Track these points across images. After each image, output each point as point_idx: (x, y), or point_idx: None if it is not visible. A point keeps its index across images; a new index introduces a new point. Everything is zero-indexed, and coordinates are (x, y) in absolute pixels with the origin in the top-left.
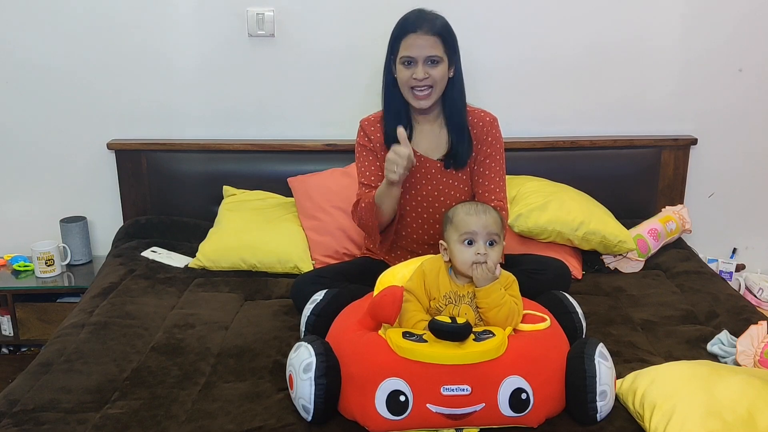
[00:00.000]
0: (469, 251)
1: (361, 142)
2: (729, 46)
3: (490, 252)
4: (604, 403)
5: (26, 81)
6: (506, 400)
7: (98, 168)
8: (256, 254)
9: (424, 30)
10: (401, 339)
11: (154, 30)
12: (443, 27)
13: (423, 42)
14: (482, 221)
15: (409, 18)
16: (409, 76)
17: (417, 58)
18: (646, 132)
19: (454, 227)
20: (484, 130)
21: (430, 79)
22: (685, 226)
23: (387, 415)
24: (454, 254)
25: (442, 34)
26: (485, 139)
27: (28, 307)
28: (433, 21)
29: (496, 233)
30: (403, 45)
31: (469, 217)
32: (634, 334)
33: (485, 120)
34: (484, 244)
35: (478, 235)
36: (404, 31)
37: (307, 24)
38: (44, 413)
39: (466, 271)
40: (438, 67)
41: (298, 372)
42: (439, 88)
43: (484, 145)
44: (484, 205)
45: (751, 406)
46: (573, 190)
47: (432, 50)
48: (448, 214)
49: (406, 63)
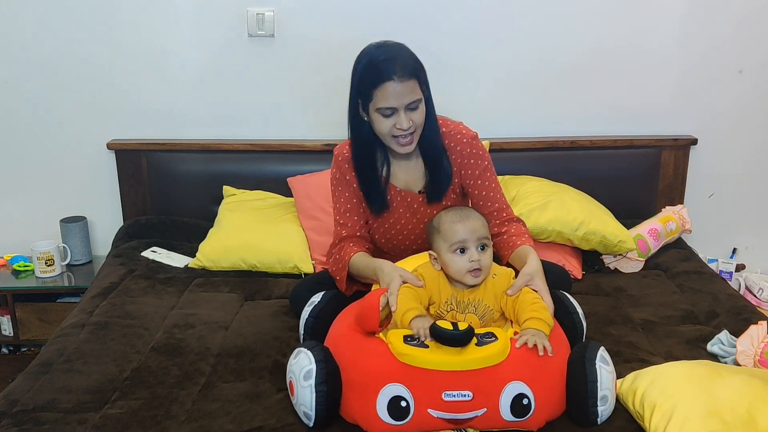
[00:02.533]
0: (463, 259)
1: (337, 175)
2: (729, 47)
3: (483, 256)
4: (605, 408)
5: (26, 81)
6: (508, 406)
7: (98, 168)
8: (256, 254)
9: (400, 75)
10: (402, 344)
11: (154, 30)
12: (415, 64)
13: (402, 89)
14: (470, 227)
15: (380, 63)
16: (390, 126)
17: (398, 107)
18: (646, 132)
19: (443, 237)
20: (465, 152)
21: (413, 126)
22: (685, 226)
23: (388, 420)
24: (447, 264)
25: (417, 74)
26: (468, 161)
27: (28, 307)
28: (405, 61)
29: (486, 237)
30: (380, 95)
31: (456, 225)
32: (634, 334)
33: (463, 141)
34: (476, 250)
35: (469, 241)
36: (379, 79)
37: (307, 24)
38: (44, 413)
39: (461, 279)
40: (418, 110)
41: (299, 379)
42: (420, 129)
43: (469, 167)
44: (467, 210)
45: (751, 406)
46: (573, 190)
47: (412, 95)
48: (433, 224)
49: (385, 114)
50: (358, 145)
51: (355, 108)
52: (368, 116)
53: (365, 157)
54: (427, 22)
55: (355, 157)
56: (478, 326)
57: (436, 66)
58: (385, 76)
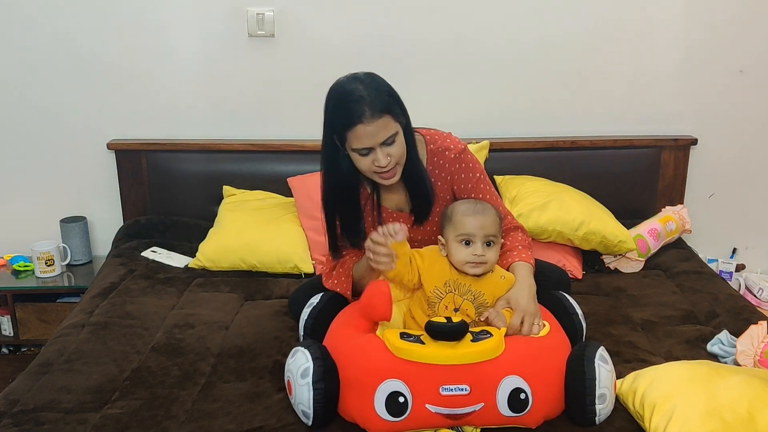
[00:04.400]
0: (467, 251)
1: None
2: (729, 47)
3: (488, 252)
4: (603, 407)
5: (26, 81)
6: (505, 400)
7: (98, 168)
8: (256, 254)
9: (370, 115)
10: (399, 340)
11: (154, 30)
12: (386, 98)
13: (374, 129)
14: (480, 222)
15: (349, 104)
16: (370, 163)
17: (374, 146)
18: (646, 132)
19: (453, 226)
20: (453, 168)
21: (393, 160)
22: (685, 226)
23: (386, 416)
24: (451, 252)
25: (389, 109)
26: (458, 176)
27: (28, 307)
28: (373, 99)
29: (494, 234)
30: (353, 137)
31: (466, 218)
32: (634, 334)
33: (450, 157)
34: (481, 245)
35: (476, 236)
36: (350, 121)
37: (307, 24)
38: (44, 413)
39: (461, 268)
40: (396, 144)
41: (296, 377)
42: (402, 161)
43: (460, 182)
44: (483, 205)
45: (751, 406)
46: (573, 190)
47: (386, 132)
48: (447, 212)
49: (362, 153)
50: (336, 177)
51: (332, 143)
52: (348, 153)
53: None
54: (427, 21)
55: (328, 193)
56: (473, 314)
57: (436, 66)
58: (355, 119)
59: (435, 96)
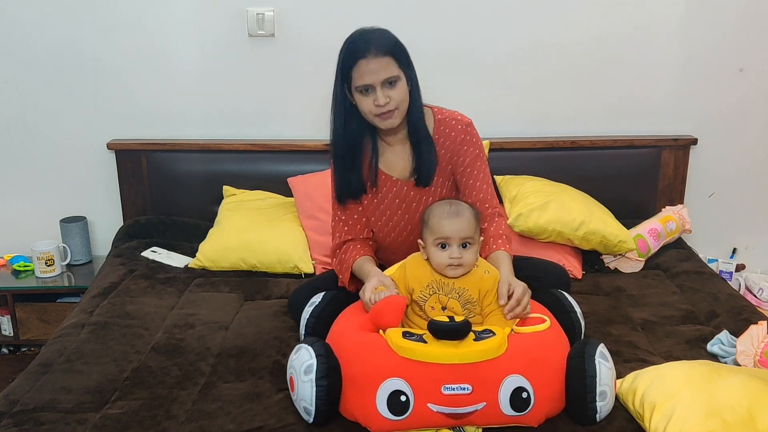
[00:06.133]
0: (444, 254)
1: None
2: (729, 46)
3: (465, 254)
4: (604, 404)
5: (26, 81)
6: (507, 399)
7: (98, 168)
8: (256, 254)
9: (374, 53)
10: (401, 339)
11: (154, 30)
12: (392, 43)
13: (375, 66)
14: (456, 226)
15: (355, 42)
16: (370, 103)
17: (374, 84)
18: (646, 132)
19: (429, 230)
20: (458, 139)
21: (392, 102)
22: (685, 226)
23: (388, 415)
24: (430, 255)
25: (393, 52)
26: (461, 148)
27: (28, 307)
28: (379, 40)
29: (470, 236)
30: (356, 74)
31: (442, 221)
32: (634, 334)
33: (458, 128)
34: (458, 248)
35: (452, 239)
36: (353, 58)
37: (307, 24)
38: (44, 413)
39: (442, 271)
40: (397, 87)
41: (299, 374)
42: (402, 107)
43: (461, 154)
44: (458, 206)
45: (751, 406)
46: (573, 190)
47: (387, 72)
48: (424, 216)
49: (363, 91)
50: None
51: (342, 93)
52: (352, 97)
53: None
54: (426, 21)
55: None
56: (460, 312)
57: (436, 66)
58: (359, 55)
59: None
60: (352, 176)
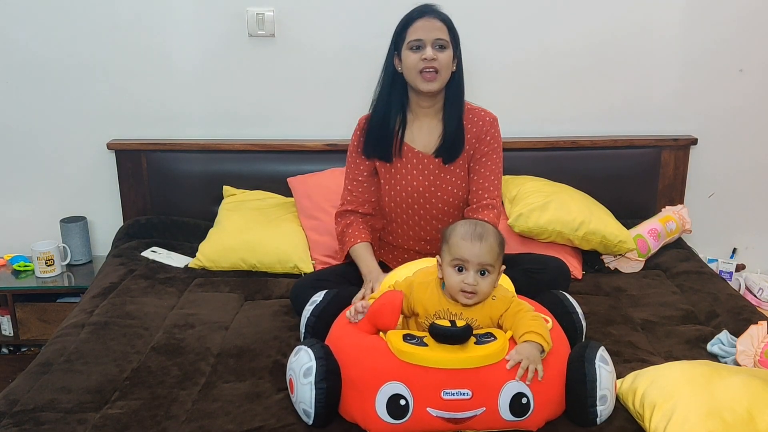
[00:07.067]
0: (459, 278)
1: (355, 142)
2: (730, 46)
3: (481, 282)
4: (604, 408)
5: (26, 81)
6: (507, 405)
7: (98, 168)
8: (256, 254)
9: (431, 16)
10: (402, 342)
11: (154, 30)
12: (448, 18)
13: (431, 25)
14: (476, 250)
15: (416, 8)
16: (417, 59)
17: (426, 41)
18: (646, 132)
19: (448, 248)
20: (484, 129)
21: (437, 62)
22: (685, 226)
23: (387, 419)
24: (445, 275)
25: (448, 24)
26: (484, 138)
27: (28, 307)
28: (438, 10)
29: (490, 263)
30: (411, 31)
31: (463, 242)
32: (634, 334)
33: (485, 119)
34: (474, 274)
35: (470, 263)
36: (411, 18)
37: (307, 24)
38: (44, 413)
39: (454, 295)
40: (445, 52)
41: (299, 376)
42: (445, 74)
43: (483, 144)
44: (483, 228)
45: (751, 406)
46: (573, 190)
47: (440, 33)
48: (445, 232)
49: (414, 48)
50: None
51: (390, 61)
52: (401, 62)
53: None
54: None
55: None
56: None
57: None
58: (417, 15)
59: None
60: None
